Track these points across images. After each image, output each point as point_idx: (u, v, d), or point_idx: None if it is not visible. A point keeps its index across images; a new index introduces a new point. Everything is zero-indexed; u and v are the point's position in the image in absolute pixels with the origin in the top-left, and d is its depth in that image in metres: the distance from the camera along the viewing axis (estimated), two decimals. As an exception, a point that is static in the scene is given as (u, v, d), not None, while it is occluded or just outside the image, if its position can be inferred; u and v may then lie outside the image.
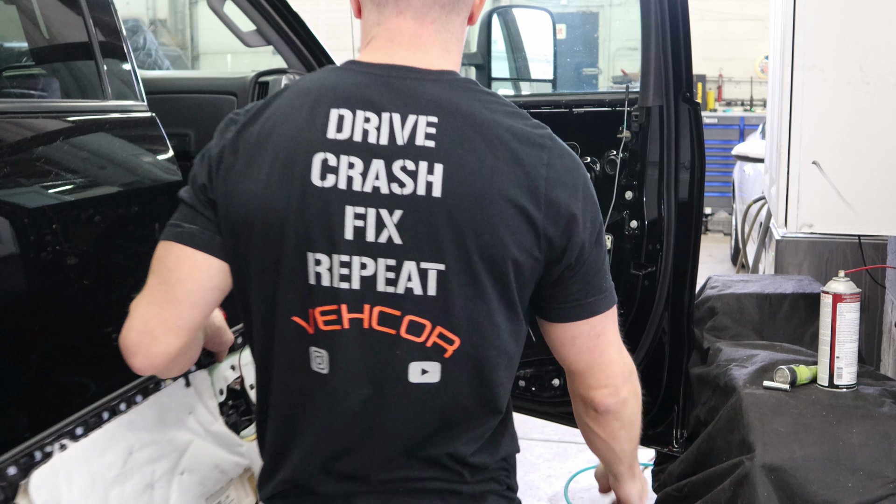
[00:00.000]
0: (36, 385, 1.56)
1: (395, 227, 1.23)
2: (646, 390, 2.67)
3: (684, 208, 2.55)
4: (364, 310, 1.25)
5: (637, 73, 2.64)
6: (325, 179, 1.23)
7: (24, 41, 2.30)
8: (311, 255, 1.24)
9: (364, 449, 1.31)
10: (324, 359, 1.27)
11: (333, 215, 1.23)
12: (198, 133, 3.18)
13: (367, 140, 1.24)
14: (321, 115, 1.26)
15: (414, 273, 1.24)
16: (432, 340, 1.26)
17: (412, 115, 1.25)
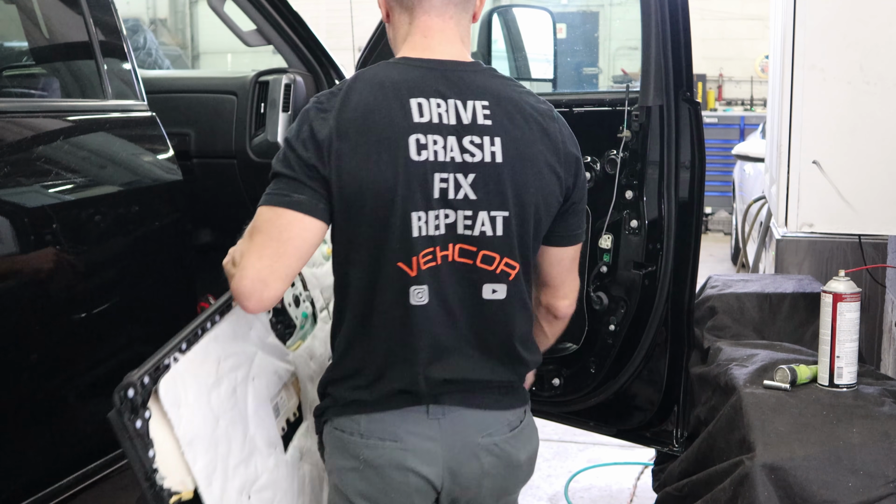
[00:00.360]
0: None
1: (470, 186, 1.63)
2: (646, 390, 2.69)
3: (684, 208, 2.55)
4: (449, 248, 1.65)
5: (637, 72, 2.64)
6: (419, 154, 1.61)
7: (25, 41, 2.30)
8: (413, 214, 1.62)
9: (451, 356, 1.68)
10: (424, 293, 1.65)
11: (427, 182, 1.62)
12: (198, 132, 3.18)
13: (441, 121, 1.63)
14: (405, 105, 1.62)
15: (486, 220, 1.65)
16: (500, 268, 1.68)
17: (470, 101, 1.65)
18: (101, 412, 2.07)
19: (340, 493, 1.73)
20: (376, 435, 1.69)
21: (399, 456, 1.68)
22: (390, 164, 1.60)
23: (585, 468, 3.93)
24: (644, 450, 3.80)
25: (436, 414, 1.70)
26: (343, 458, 1.72)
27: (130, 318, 2.15)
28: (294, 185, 1.60)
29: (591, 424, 2.83)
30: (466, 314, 1.68)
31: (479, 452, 1.72)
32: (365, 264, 1.65)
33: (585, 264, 2.67)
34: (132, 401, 1.56)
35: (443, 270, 1.65)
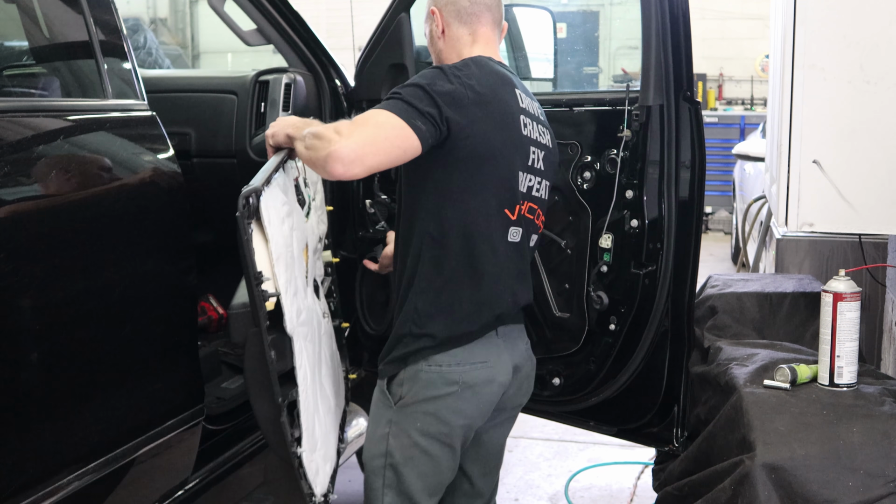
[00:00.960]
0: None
1: (542, 160, 2.20)
2: (647, 389, 2.69)
3: (685, 207, 2.55)
4: (525, 203, 2.16)
5: (637, 71, 2.63)
6: (524, 130, 2.14)
7: (25, 40, 2.30)
8: (520, 173, 2.13)
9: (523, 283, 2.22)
10: (518, 233, 2.15)
11: (527, 151, 2.15)
12: (198, 132, 3.18)
13: (529, 110, 2.17)
14: (512, 92, 2.14)
15: (544, 186, 2.23)
16: (538, 222, 2.23)
17: (533, 101, 2.23)
18: (101, 412, 2.08)
19: (434, 416, 2.10)
20: (469, 361, 2.11)
21: (489, 373, 2.13)
22: (511, 134, 2.09)
23: (586, 468, 3.93)
24: (644, 449, 3.80)
25: (501, 333, 2.15)
26: (441, 387, 2.09)
27: (130, 318, 2.15)
28: (423, 117, 1.96)
29: (592, 424, 2.83)
30: (524, 253, 2.19)
31: (525, 354, 2.26)
32: (478, 209, 2.06)
33: (586, 264, 2.67)
34: (250, 206, 1.91)
35: (523, 219, 2.16)
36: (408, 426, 2.11)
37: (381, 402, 2.16)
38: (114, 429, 2.11)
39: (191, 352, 2.39)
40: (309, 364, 2.16)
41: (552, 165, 2.25)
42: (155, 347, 2.25)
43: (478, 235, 2.08)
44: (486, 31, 2.19)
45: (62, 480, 1.95)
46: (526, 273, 2.23)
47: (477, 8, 2.18)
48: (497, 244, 2.11)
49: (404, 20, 2.99)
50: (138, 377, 2.19)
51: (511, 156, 2.09)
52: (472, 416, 2.14)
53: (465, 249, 2.08)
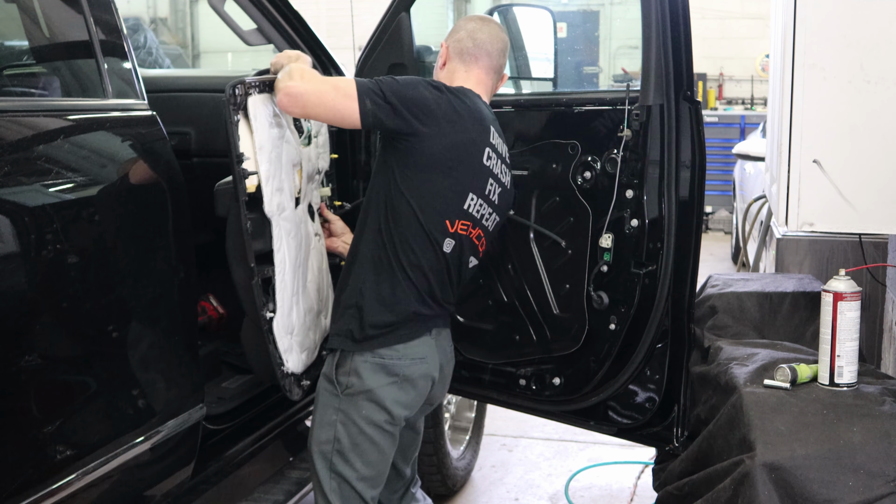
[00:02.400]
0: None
1: (497, 195, 2.40)
2: (647, 389, 2.69)
3: (685, 207, 2.55)
4: (476, 229, 2.37)
5: (638, 71, 2.63)
6: (486, 162, 2.34)
7: (26, 39, 2.30)
8: (470, 194, 2.32)
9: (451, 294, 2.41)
10: (451, 245, 2.33)
11: (485, 181, 2.35)
12: (198, 131, 3.18)
13: (497, 149, 2.39)
14: (487, 128, 2.36)
15: (493, 219, 2.41)
16: (482, 250, 2.43)
17: (504, 144, 2.45)
18: (101, 411, 2.08)
19: (378, 405, 2.32)
20: (410, 357, 2.34)
21: (426, 369, 2.37)
22: (471, 159, 2.31)
23: (586, 467, 3.93)
24: (644, 449, 3.80)
25: (435, 335, 2.39)
26: (384, 378, 2.31)
27: (130, 317, 2.15)
28: (379, 102, 2.21)
29: (592, 423, 2.83)
30: (460, 270, 2.40)
31: (449, 355, 2.49)
32: (420, 212, 2.27)
33: (586, 264, 2.67)
34: (236, 96, 2.22)
35: (465, 238, 2.35)
36: (354, 414, 2.32)
37: (328, 389, 2.36)
38: (114, 428, 2.11)
39: (191, 352, 2.39)
40: (289, 255, 2.41)
41: (506, 205, 2.47)
42: (155, 347, 2.25)
43: (417, 238, 2.29)
44: (480, 73, 2.44)
45: (62, 480, 1.95)
46: (454, 286, 2.41)
47: (478, 52, 2.44)
48: (432, 250, 2.31)
49: (404, 20, 2.99)
50: (138, 377, 2.19)
51: (464, 176, 2.31)
52: (411, 407, 2.39)
53: (404, 249, 2.30)
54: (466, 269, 2.42)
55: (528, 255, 2.79)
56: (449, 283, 2.39)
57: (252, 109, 2.27)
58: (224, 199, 2.34)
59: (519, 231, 2.79)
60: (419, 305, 2.33)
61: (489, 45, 2.44)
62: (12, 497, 1.83)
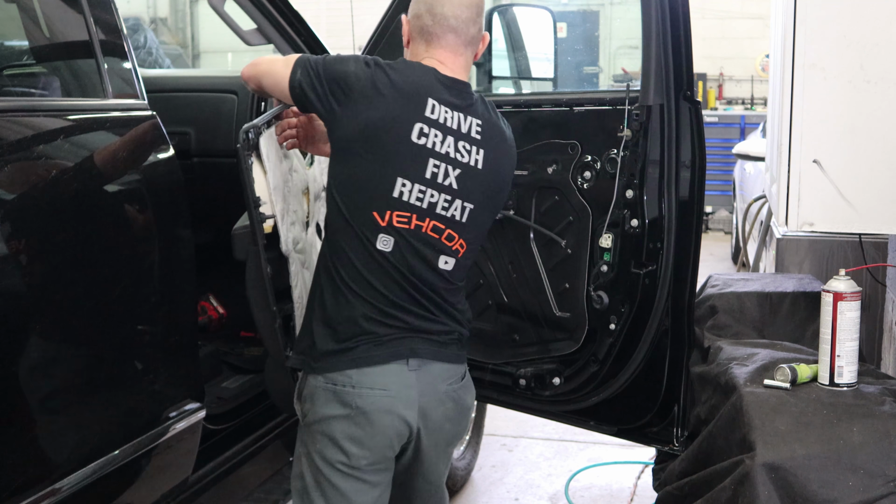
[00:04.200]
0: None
1: (455, 178, 2.04)
2: (647, 389, 2.69)
3: (685, 207, 2.55)
4: (426, 221, 2.02)
5: (638, 71, 2.63)
6: (419, 140, 2.00)
7: (25, 39, 2.30)
8: (399, 179, 1.99)
9: (415, 306, 2.04)
10: (390, 242, 2.00)
11: (421, 161, 2.01)
12: (198, 131, 3.17)
13: (446, 123, 2.04)
14: (422, 100, 2.02)
15: (459, 207, 2.05)
16: (455, 247, 2.06)
17: (469, 117, 2.08)
18: (101, 411, 2.08)
19: (329, 439, 2.02)
20: (365, 385, 2.01)
21: (387, 403, 2.01)
22: (395, 137, 1.99)
23: (586, 467, 3.93)
24: (644, 449, 3.80)
25: (414, 367, 2.04)
26: (334, 407, 2.02)
27: (130, 317, 2.15)
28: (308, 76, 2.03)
29: (592, 423, 2.83)
30: (421, 274, 2.03)
31: (442, 399, 2.09)
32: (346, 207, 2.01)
33: (586, 264, 2.67)
34: (248, 140, 2.18)
35: (412, 234, 2.02)
36: (310, 447, 2.06)
37: (298, 417, 2.15)
38: (113, 428, 2.11)
39: (191, 351, 2.39)
40: (306, 288, 2.31)
41: (483, 190, 2.08)
42: (155, 347, 2.25)
43: (348, 239, 2.02)
44: (444, 53, 2.08)
45: (62, 480, 1.95)
46: (429, 297, 2.05)
47: (439, 29, 2.08)
48: (365, 251, 2.01)
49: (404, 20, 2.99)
50: (138, 377, 2.19)
51: (387, 158, 1.99)
52: (372, 449, 2.01)
53: (339, 254, 2.03)
54: (440, 274, 2.05)
55: (528, 255, 2.79)
56: (416, 292, 2.03)
57: (263, 148, 2.22)
58: (242, 243, 2.30)
59: (519, 231, 2.79)
60: (369, 323, 2.00)
61: (453, 20, 2.07)
62: (12, 497, 1.83)
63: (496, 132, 2.11)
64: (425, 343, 2.05)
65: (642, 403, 2.71)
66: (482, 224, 2.12)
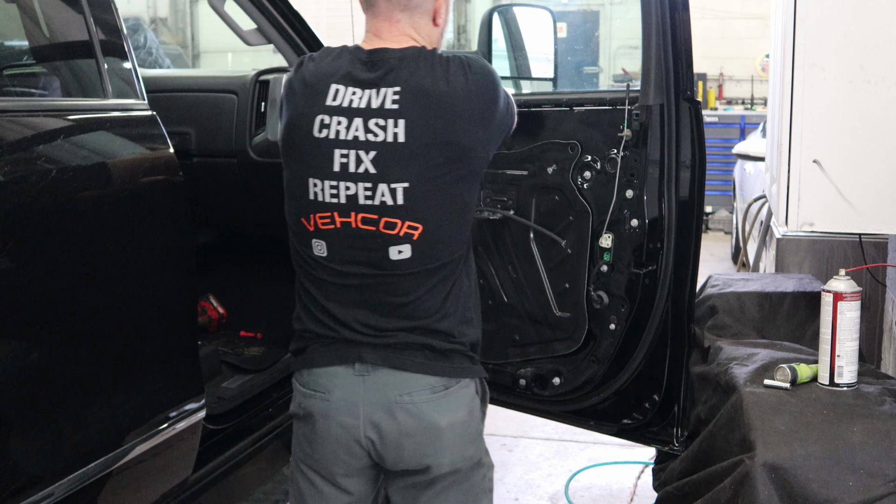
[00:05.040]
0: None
1: (371, 162, 1.83)
2: (647, 389, 2.69)
3: (685, 207, 2.55)
4: (350, 216, 1.85)
5: (638, 71, 2.63)
6: (320, 133, 1.86)
7: (25, 39, 2.30)
8: (310, 180, 1.87)
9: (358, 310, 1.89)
10: (322, 247, 1.89)
11: (327, 155, 1.85)
12: (198, 131, 3.18)
13: (351, 106, 1.85)
14: (324, 89, 1.87)
15: (386, 191, 1.83)
16: (403, 231, 1.84)
17: (383, 88, 1.84)
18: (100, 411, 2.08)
19: (294, 436, 2.02)
20: (310, 387, 1.95)
21: (324, 407, 1.92)
22: (300, 137, 1.89)
23: (586, 467, 3.93)
24: (644, 449, 3.80)
25: (359, 371, 1.90)
26: (295, 405, 2.00)
27: (130, 317, 2.15)
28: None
29: (592, 423, 2.83)
30: (369, 273, 1.88)
31: (391, 409, 1.88)
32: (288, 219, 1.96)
33: (586, 264, 2.67)
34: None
35: (342, 233, 1.87)
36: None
37: None
38: (113, 428, 2.11)
39: (191, 351, 2.38)
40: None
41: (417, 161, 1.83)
42: (155, 347, 2.25)
43: (294, 247, 1.97)
44: (379, 23, 1.92)
45: (61, 480, 1.95)
46: (381, 302, 1.89)
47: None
48: (303, 260, 1.95)
49: None
50: (138, 377, 2.19)
51: (299, 162, 1.90)
52: (319, 452, 1.95)
53: (293, 260, 1.99)
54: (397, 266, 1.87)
55: (528, 255, 2.79)
56: (363, 294, 1.90)
57: None
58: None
59: (519, 231, 2.79)
60: (317, 326, 1.94)
61: None
62: (11, 497, 1.83)
63: (423, 94, 1.83)
64: (375, 348, 1.89)
65: (642, 403, 2.71)
66: (435, 198, 1.85)
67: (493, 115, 1.88)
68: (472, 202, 1.93)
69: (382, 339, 1.89)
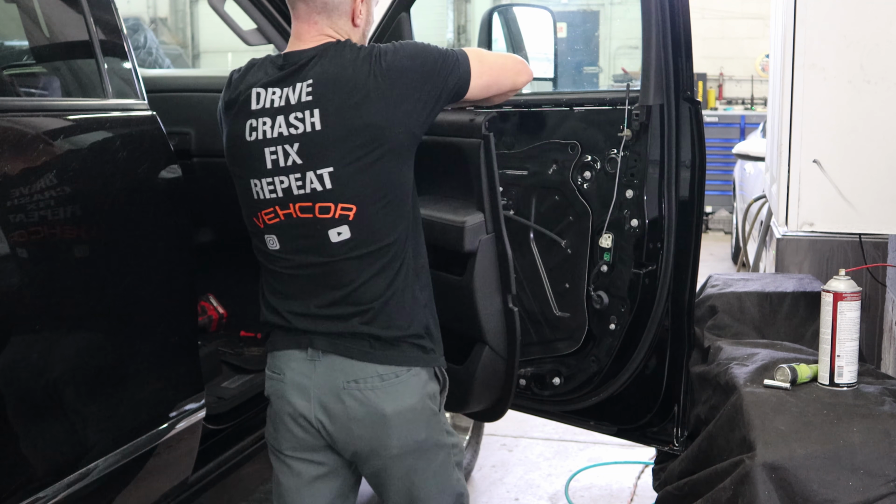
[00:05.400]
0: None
1: (296, 154, 1.93)
2: (647, 389, 2.69)
3: (685, 207, 2.55)
4: (290, 206, 1.96)
5: (638, 71, 2.63)
6: (250, 136, 1.98)
7: (26, 39, 2.30)
8: (252, 181, 2.00)
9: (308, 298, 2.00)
10: (274, 241, 2.00)
11: (259, 156, 1.97)
12: (198, 131, 3.18)
13: (273, 106, 1.96)
14: (249, 96, 1.99)
15: (314, 178, 1.93)
16: (338, 213, 1.93)
17: (298, 84, 1.94)
18: (100, 411, 2.08)
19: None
20: (270, 369, 2.09)
21: (279, 388, 2.06)
22: (237, 145, 2.01)
23: (586, 467, 3.93)
24: (644, 449, 3.80)
25: (311, 356, 2.00)
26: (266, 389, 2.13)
27: (130, 317, 2.15)
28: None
29: (592, 423, 2.83)
30: (315, 261, 1.98)
31: (338, 395, 1.98)
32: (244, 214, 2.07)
33: (586, 264, 2.67)
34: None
35: (286, 225, 1.98)
36: None
37: None
38: (113, 428, 2.11)
39: (191, 351, 2.39)
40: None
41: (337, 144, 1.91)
42: (155, 347, 2.25)
43: (253, 241, 2.09)
44: (299, 26, 2.00)
45: (61, 480, 1.95)
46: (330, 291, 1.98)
47: (290, 1, 2.01)
48: (263, 255, 2.05)
49: (404, 20, 2.99)
50: (138, 377, 2.19)
51: (241, 165, 2.02)
52: (278, 433, 2.07)
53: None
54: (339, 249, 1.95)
55: (528, 255, 2.79)
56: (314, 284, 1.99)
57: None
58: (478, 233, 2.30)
59: (519, 231, 2.79)
60: (272, 315, 2.05)
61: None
62: (11, 497, 1.83)
63: (332, 82, 1.92)
64: (325, 336, 1.99)
65: (642, 403, 2.71)
66: (362, 179, 1.93)
67: (412, 91, 1.93)
68: (404, 181, 1.98)
69: (331, 328, 1.98)
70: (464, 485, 2.15)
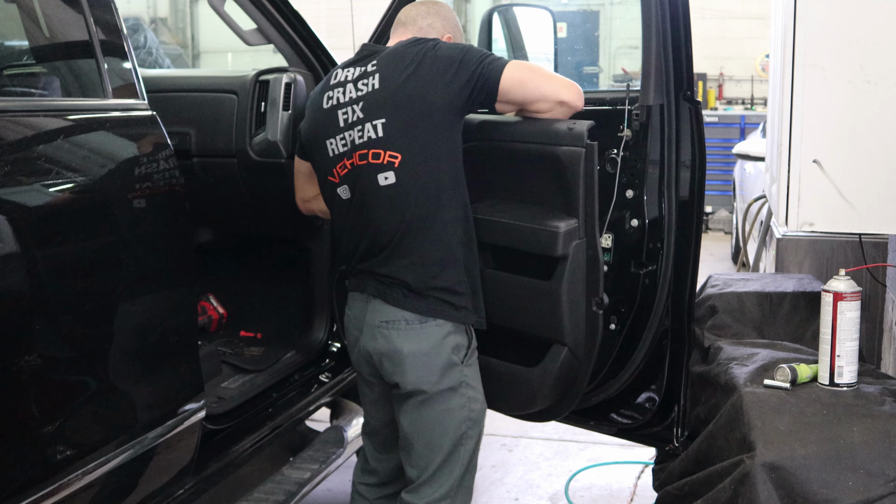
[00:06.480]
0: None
1: (360, 110, 2.34)
2: (647, 389, 2.69)
3: (685, 207, 2.55)
4: (355, 156, 2.33)
5: (638, 71, 2.63)
6: (327, 104, 2.41)
7: (26, 39, 2.30)
8: (327, 141, 2.39)
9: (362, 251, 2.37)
10: (346, 189, 2.37)
11: (334, 118, 2.38)
12: (198, 131, 3.17)
13: (346, 79, 2.40)
14: (330, 76, 2.46)
15: (370, 127, 2.31)
16: (386, 160, 2.29)
17: (366, 60, 2.39)
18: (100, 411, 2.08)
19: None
20: (348, 306, 2.47)
21: (348, 319, 2.47)
22: (317, 114, 2.43)
23: (586, 467, 3.93)
24: (644, 449, 3.80)
25: (365, 299, 2.38)
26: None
27: (130, 317, 2.15)
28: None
29: (592, 423, 2.83)
30: (371, 202, 2.31)
31: (374, 332, 2.35)
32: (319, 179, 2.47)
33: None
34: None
35: (353, 174, 2.34)
36: None
37: None
38: (113, 428, 2.11)
39: (191, 352, 2.39)
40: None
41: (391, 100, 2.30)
42: (155, 347, 2.25)
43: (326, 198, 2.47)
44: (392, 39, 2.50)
45: (61, 480, 1.95)
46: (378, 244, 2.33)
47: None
48: (332, 205, 2.43)
49: None
50: (138, 377, 2.19)
51: (320, 135, 2.41)
52: (351, 357, 2.49)
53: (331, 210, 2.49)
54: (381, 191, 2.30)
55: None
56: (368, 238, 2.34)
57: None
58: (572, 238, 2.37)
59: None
60: (348, 263, 2.44)
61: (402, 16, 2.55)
62: (11, 497, 1.83)
63: (396, 58, 2.34)
64: (374, 282, 2.35)
65: (642, 403, 2.71)
66: (407, 131, 2.29)
67: (451, 69, 2.28)
68: (448, 148, 2.30)
69: (377, 275, 2.34)
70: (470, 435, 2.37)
